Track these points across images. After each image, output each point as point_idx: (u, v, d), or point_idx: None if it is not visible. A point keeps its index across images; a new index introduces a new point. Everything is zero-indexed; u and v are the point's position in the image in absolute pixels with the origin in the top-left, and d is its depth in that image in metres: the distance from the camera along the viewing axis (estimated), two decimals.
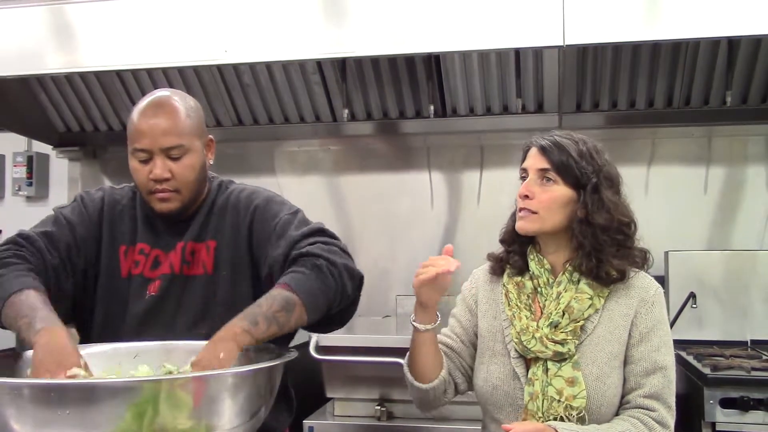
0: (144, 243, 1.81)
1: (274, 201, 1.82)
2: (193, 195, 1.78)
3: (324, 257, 1.64)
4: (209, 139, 1.84)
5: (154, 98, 1.76)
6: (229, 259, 1.78)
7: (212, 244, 1.79)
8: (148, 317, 1.77)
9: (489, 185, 3.36)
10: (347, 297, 1.69)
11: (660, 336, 1.66)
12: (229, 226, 1.80)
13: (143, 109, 1.73)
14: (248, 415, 1.44)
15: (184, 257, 1.78)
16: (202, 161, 1.78)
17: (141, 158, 1.73)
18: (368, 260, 3.44)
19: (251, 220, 1.78)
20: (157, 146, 1.70)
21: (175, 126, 1.71)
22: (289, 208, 1.81)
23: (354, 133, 3.47)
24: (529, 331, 1.66)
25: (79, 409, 1.27)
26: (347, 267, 1.68)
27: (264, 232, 1.76)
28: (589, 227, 1.65)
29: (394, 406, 2.54)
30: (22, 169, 3.77)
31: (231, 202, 1.83)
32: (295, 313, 1.57)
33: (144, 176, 1.73)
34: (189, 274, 1.78)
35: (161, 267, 1.78)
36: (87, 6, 2.77)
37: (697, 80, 2.99)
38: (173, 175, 1.72)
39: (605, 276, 1.65)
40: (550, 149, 1.67)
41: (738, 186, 3.18)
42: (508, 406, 1.68)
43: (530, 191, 1.68)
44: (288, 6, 2.61)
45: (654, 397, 1.62)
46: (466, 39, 2.50)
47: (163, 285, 1.77)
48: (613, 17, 2.38)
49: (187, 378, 1.38)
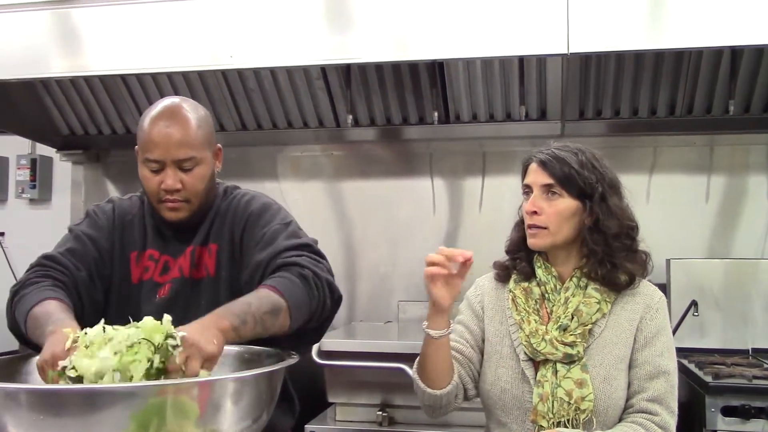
0: (154, 249, 1.83)
1: (269, 209, 1.84)
2: (202, 203, 1.80)
3: (310, 269, 1.66)
4: (218, 148, 1.86)
5: (165, 107, 1.76)
6: (227, 261, 1.81)
7: (214, 248, 1.82)
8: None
9: (491, 192, 3.37)
10: (326, 311, 1.71)
11: (663, 342, 1.69)
12: (228, 230, 1.82)
13: (155, 117, 1.74)
14: (251, 419, 1.45)
15: (193, 261, 1.80)
16: (211, 171, 1.80)
17: (153, 168, 1.74)
18: (370, 266, 3.46)
19: (244, 226, 1.81)
20: (170, 158, 1.72)
21: (188, 138, 1.73)
22: (282, 218, 1.82)
23: (357, 138, 3.48)
24: (539, 333, 1.68)
25: (80, 418, 1.25)
26: (329, 282, 1.70)
27: (252, 239, 1.78)
28: (600, 235, 1.67)
29: (395, 411, 2.54)
30: (25, 171, 3.78)
31: (231, 207, 1.85)
32: (280, 319, 1.59)
33: (155, 185, 1.75)
34: (197, 277, 1.80)
35: (171, 272, 1.81)
36: (92, 10, 2.77)
37: (699, 89, 3.00)
38: (184, 186, 1.74)
39: (617, 281, 1.68)
40: (551, 163, 1.69)
41: (739, 195, 3.18)
42: (516, 409, 1.69)
43: (537, 207, 1.69)
44: (293, 12, 2.61)
45: (657, 401, 1.64)
46: (470, 46, 2.51)
47: (174, 288, 1.79)
48: (617, 26, 2.38)
49: (192, 383, 1.36)
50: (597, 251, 1.67)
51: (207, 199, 1.81)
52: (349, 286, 3.46)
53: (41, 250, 1.91)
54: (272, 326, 1.57)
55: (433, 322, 1.69)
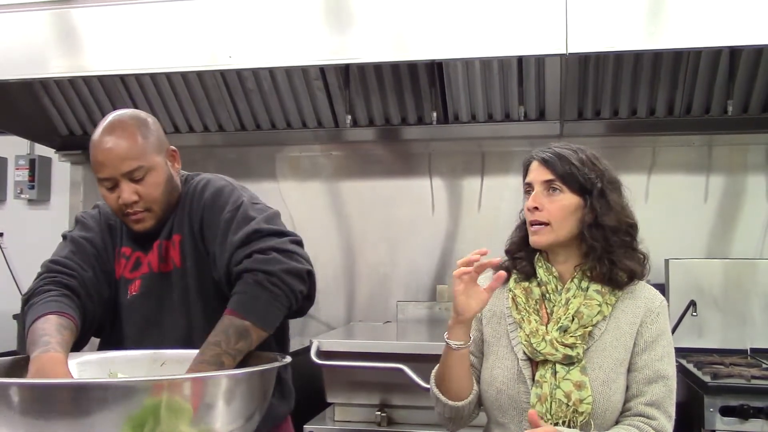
0: (126, 246, 1.87)
1: (222, 194, 1.82)
2: (164, 208, 1.82)
3: (260, 270, 1.65)
4: (171, 150, 1.86)
5: (105, 125, 1.78)
6: (191, 251, 1.81)
7: (177, 238, 1.83)
8: (132, 316, 1.83)
9: (490, 192, 3.37)
10: (298, 297, 1.70)
11: (663, 346, 1.69)
12: (187, 219, 1.83)
13: (98, 138, 1.76)
14: (243, 419, 1.45)
15: (161, 255, 1.82)
16: (166, 175, 1.81)
17: (107, 186, 1.77)
18: (369, 266, 3.46)
19: (201, 216, 1.81)
20: (118, 172, 1.74)
21: (130, 149, 1.74)
22: (234, 201, 1.79)
23: (356, 139, 3.48)
24: (539, 334, 1.67)
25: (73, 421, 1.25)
26: (287, 271, 1.66)
27: (211, 229, 1.78)
28: (599, 230, 1.67)
29: (394, 411, 2.54)
30: (24, 172, 3.78)
31: (188, 195, 1.86)
32: (253, 337, 1.63)
33: (114, 202, 1.78)
34: (165, 270, 1.82)
35: (141, 267, 1.84)
36: (91, 10, 2.77)
37: (698, 89, 3.00)
38: (141, 197, 1.76)
39: (617, 279, 1.68)
40: (552, 160, 1.70)
41: (738, 195, 3.19)
42: (512, 410, 1.69)
43: (539, 203, 1.69)
44: (292, 12, 2.61)
45: (655, 406, 1.64)
46: (469, 46, 2.51)
47: (144, 283, 1.83)
48: (616, 26, 2.39)
49: (185, 379, 1.38)
50: (596, 247, 1.67)
51: (169, 202, 1.83)
52: (348, 286, 3.46)
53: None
54: (249, 348, 1.63)
55: (453, 333, 1.68)
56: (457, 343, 1.68)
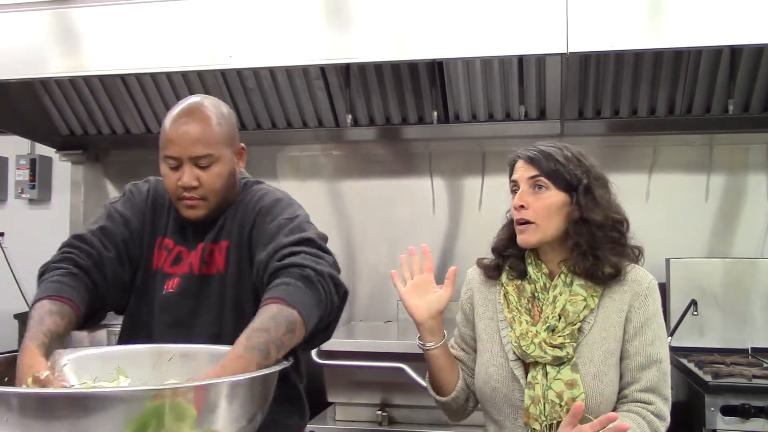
0: (170, 239, 1.83)
1: (279, 204, 1.81)
2: (220, 202, 1.79)
3: (310, 267, 1.60)
4: (240, 147, 1.85)
5: (186, 105, 1.77)
6: (236, 259, 1.79)
7: (225, 245, 1.80)
8: (165, 312, 1.79)
9: (490, 191, 3.37)
10: (334, 309, 1.67)
11: (654, 329, 1.68)
12: (237, 226, 1.80)
13: (175, 116, 1.75)
14: (246, 420, 1.45)
15: (203, 258, 1.79)
16: (231, 169, 1.79)
17: (171, 165, 1.74)
18: (369, 266, 3.46)
19: (253, 222, 1.78)
20: (186, 155, 1.72)
21: (204, 135, 1.73)
22: (291, 212, 1.78)
23: (356, 138, 3.48)
24: (528, 336, 1.67)
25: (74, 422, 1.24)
26: (333, 277, 1.65)
27: (260, 235, 1.75)
28: (585, 225, 1.67)
29: (395, 410, 2.54)
30: (25, 171, 3.78)
31: (244, 203, 1.83)
32: (297, 333, 1.53)
33: (173, 183, 1.75)
34: (206, 273, 1.79)
35: (182, 265, 1.80)
36: (91, 10, 2.78)
37: (699, 88, 3.00)
38: (201, 184, 1.74)
39: (601, 275, 1.67)
40: (537, 158, 1.70)
41: (739, 194, 3.19)
42: (507, 408, 1.69)
43: (524, 201, 1.70)
44: (292, 12, 2.62)
45: (650, 391, 1.65)
46: (470, 46, 2.51)
47: (182, 284, 1.78)
48: (616, 25, 2.39)
49: (189, 388, 1.35)
50: (580, 243, 1.67)
51: (226, 197, 1.80)
52: (349, 285, 3.38)
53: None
54: (291, 345, 1.53)
55: (421, 335, 1.74)
56: (428, 345, 1.72)
